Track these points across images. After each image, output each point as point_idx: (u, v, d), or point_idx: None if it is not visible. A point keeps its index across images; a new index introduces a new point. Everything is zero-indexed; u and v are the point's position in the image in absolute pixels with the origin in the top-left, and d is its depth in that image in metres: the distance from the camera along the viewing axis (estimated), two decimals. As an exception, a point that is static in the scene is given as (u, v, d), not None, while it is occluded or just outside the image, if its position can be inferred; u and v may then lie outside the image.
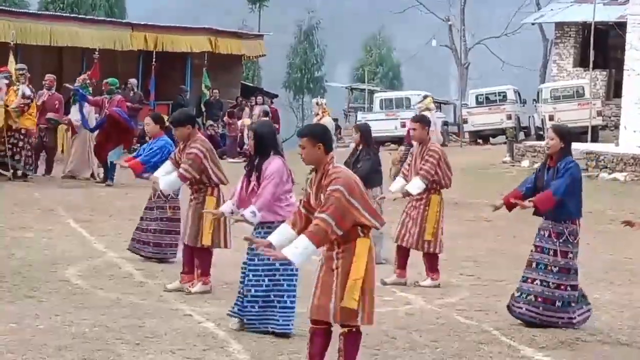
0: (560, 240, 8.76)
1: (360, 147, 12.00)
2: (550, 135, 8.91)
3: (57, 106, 20.54)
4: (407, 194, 10.83)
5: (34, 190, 17.68)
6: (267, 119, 20.73)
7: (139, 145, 26.47)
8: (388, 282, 10.75)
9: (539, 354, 7.99)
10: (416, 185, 10.71)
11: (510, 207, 9.04)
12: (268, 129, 8.44)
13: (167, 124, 11.47)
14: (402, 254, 10.96)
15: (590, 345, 8.31)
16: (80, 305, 8.98)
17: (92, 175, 20.10)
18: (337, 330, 6.66)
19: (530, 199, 8.75)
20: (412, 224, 10.81)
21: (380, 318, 8.06)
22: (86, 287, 9.88)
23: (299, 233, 6.64)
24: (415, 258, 11.01)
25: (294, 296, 8.11)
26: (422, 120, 11.10)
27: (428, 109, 19.54)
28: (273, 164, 8.12)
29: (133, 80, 27.34)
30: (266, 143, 8.20)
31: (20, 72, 19.51)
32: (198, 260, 9.86)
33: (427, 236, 10.74)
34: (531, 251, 8.99)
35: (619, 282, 11.53)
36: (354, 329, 6.58)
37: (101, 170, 19.94)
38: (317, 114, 18.54)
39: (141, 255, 11.49)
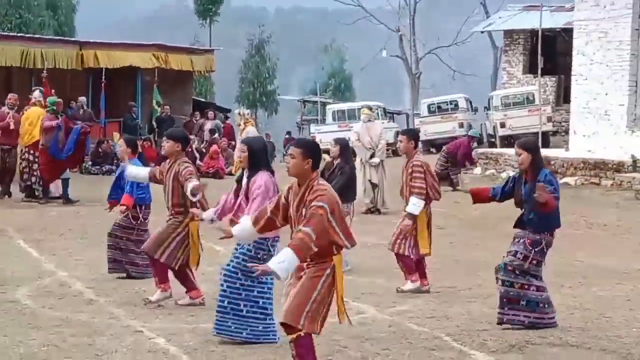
0: (536, 249, 8.86)
1: (338, 161, 12.02)
2: (517, 151, 8.99)
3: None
4: (412, 216, 10.79)
5: (-17, 212, 17.48)
6: (258, 135, 20.55)
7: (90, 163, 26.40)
8: (405, 289, 10.84)
9: (490, 358, 8.03)
10: (416, 205, 10.73)
11: (476, 198, 9.30)
12: (260, 145, 8.52)
13: (139, 149, 11.86)
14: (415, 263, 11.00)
15: (541, 348, 8.37)
16: (29, 325, 8.88)
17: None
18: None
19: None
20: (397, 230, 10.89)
21: (332, 328, 8.05)
22: (35, 307, 9.78)
23: (258, 232, 6.97)
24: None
25: (252, 306, 8.11)
26: (408, 133, 11.18)
27: (369, 120, 19.62)
28: (260, 179, 8.19)
29: (82, 99, 27.21)
30: (258, 158, 8.29)
31: None
32: (154, 269, 9.86)
33: (422, 250, 10.80)
34: (503, 257, 9.05)
35: (569, 284, 11.62)
36: (302, 334, 6.61)
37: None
38: (240, 124, 18.27)
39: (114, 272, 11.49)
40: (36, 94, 20.21)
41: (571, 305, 10.25)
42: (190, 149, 27.79)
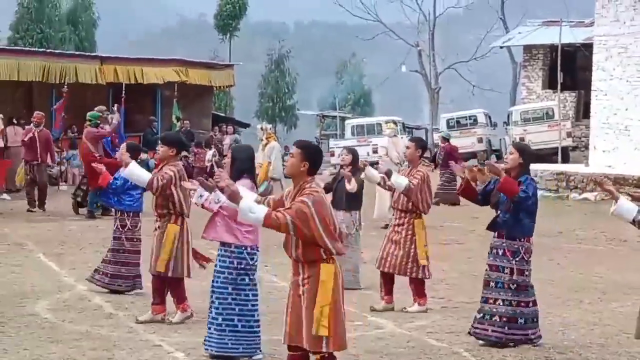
0: (517, 259, 8.78)
1: (348, 169, 12.05)
2: (511, 150, 9.03)
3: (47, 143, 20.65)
4: (389, 174, 10.71)
5: (3, 225, 17.57)
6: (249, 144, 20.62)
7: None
8: (378, 309, 10.73)
9: (509, 374, 8.01)
10: (401, 181, 10.61)
11: (467, 189, 9.29)
12: (244, 154, 8.45)
13: (141, 155, 11.77)
14: (387, 280, 10.90)
15: (560, 364, 8.34)
16: (49, 339, 8.92)
17: None
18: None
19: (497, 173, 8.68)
20: (394, 248, 10.72)
21: (350, 342, 8.03)
22: (55, 320, 9.82)
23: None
24: (400, 283, 10.97)
25: (248, 320, 8.10)
26: (416, 141, 11.15)
27: (394, 135, 19.65)
28: (238, 184, 8.12)
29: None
30: (238, 166, 8.24)
31: None
32: (169, 289, 9.85)
33: (421, 261, 10.69)
34: (486, 270, 8.97)
35: (589, 300, 11.57)
36: (326, 355, 6.58)
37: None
38: (262, 139, 18.28)
39: (98, 285, 11.41)
40: None
41: (591, 321, 10.20)
42: (187, 163, 27.89)
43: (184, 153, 29.24)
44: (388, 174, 10.83)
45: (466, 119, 38.65)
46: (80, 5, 50.44)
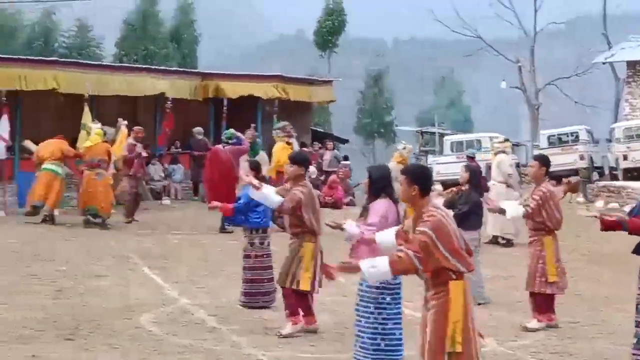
0: None
1: (466, 187, 12.03)
2: None
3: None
4: (502, 211, 10.86)
5: (109, 238, 17.95)
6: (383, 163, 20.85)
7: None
8: (530, 327, 10.66)
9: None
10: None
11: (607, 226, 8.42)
12: (381, 172, 8.56)
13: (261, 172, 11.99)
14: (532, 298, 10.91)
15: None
16: (155, 352, 9.09)
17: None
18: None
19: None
20: (529, 265, 10.80)
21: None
22: (160, 333, 10.00)
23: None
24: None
25: (391, 340, 8.11)
26: (540, 159, 11.06)
27: (504, 152, 19.48)
28: (377, 206, 8.24)
29: (198, 129, 27.81)
30: (377, 185, 8.34)
31: None
32: (286, 300, 9.99)
33: (550, 277, 10.67)
34: (637, 295, 8.36)
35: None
36: None
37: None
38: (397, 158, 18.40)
39: (246, 307, 11.48)
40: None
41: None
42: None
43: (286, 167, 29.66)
44: (502, 212, 10.84)
45: (567, 136, 38.05)
46: (183, 22, 51.35)
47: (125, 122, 21.34)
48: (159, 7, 50.15)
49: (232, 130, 19.32)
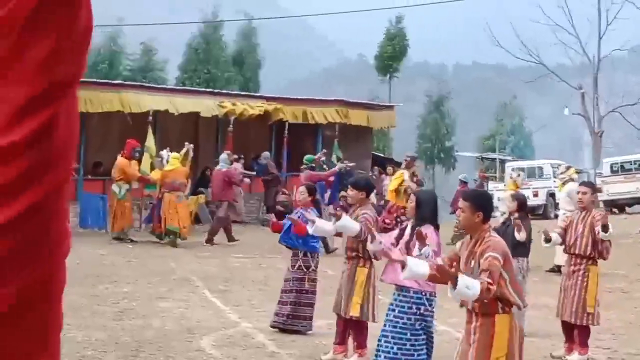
0: None
1: (515, 216, 12.00)
2: None
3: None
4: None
5: (170, 260, 18.12)
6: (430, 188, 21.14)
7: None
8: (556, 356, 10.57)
9: None
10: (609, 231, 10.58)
11: None
12: (428, 197, 8.60)
13: (317, 196, 11.98)
14: (567, 328, 10.79)
15: None
16: (215, 375, 9.15)
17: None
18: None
19: None
20: (572, 294, 10.65)
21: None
22: (220, 356, 10.05)
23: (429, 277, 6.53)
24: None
25: None
26: (590, 186, 11.07)
27: (572, 179, 19.31)
28: (431, 234, 8.15)
29: (266, 153, 28.01)
30: (423, 210, 8.33)
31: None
32: (352, 332, 9.93)
33: (589, 308, 10.56)
34: None
35: None
36: None
37: None
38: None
39: (277, 328, 11.57)
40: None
41: None
42: (345, 203, 28.22)
43: (342, 193, 29.77)
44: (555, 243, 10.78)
45: (631, 164, 37.65)
46: (246, 47, 51.82)
47: (192, 146, 21.57)
48: (222, 31, 50.70)
49: (310, 157, 20.03)
